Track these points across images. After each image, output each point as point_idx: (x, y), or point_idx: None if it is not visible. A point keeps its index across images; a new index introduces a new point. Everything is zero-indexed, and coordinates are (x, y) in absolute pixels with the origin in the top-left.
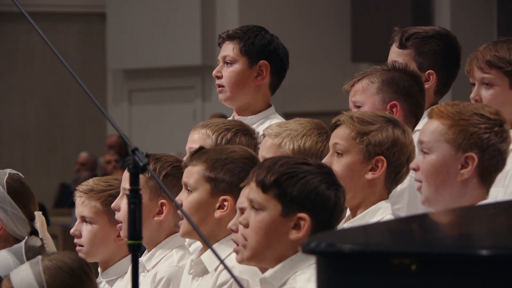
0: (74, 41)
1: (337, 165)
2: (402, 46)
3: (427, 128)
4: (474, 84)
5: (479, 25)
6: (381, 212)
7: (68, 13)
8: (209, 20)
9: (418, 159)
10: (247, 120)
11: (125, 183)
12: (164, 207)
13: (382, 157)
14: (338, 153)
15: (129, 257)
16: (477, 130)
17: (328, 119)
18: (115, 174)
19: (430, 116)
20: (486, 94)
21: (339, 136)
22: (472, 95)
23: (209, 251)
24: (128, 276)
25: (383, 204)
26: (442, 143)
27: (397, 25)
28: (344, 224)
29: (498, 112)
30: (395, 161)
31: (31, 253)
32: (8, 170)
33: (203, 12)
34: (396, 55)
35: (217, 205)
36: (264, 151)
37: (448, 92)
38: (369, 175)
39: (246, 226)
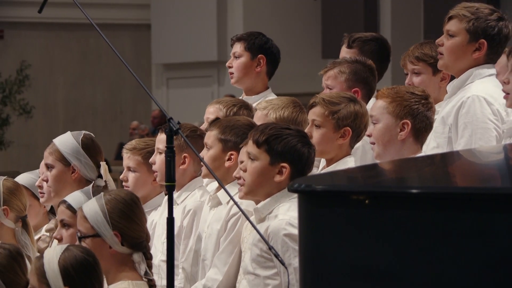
0: (128, 43)
1: (316, 134)
2: (349, 46)
3: (374, 105)
4: (407, 74)
5: (410, 29)
6: (347, 164)
7: (124, 24)
8: (222, 28)
9: (371, 128)
10: (251, 98)
11: (159, 144)
12: (186, 159)
13: (348, 128)
14: (316, 126)
15: (161, 194)
16: (409, 103)
17: (302, 98)
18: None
19: (376, 97)
20: (416, 80)
21: (316, 114)
22: (406, 81)
23: (222, 190)
24: (162, 208)
25: (348, 158)
26: (385, 114)
27: (353, 28)
28: (322, 171)
29: (424, 90)
30: (357, 129)
31: (97, 192)
32: (83, 131)
33: (218, 23)
34: (345, 53)
35: (227, 158)
36: (256, 120)
37: (388, 80)
38: (340, 141)
39: (245, 171)
